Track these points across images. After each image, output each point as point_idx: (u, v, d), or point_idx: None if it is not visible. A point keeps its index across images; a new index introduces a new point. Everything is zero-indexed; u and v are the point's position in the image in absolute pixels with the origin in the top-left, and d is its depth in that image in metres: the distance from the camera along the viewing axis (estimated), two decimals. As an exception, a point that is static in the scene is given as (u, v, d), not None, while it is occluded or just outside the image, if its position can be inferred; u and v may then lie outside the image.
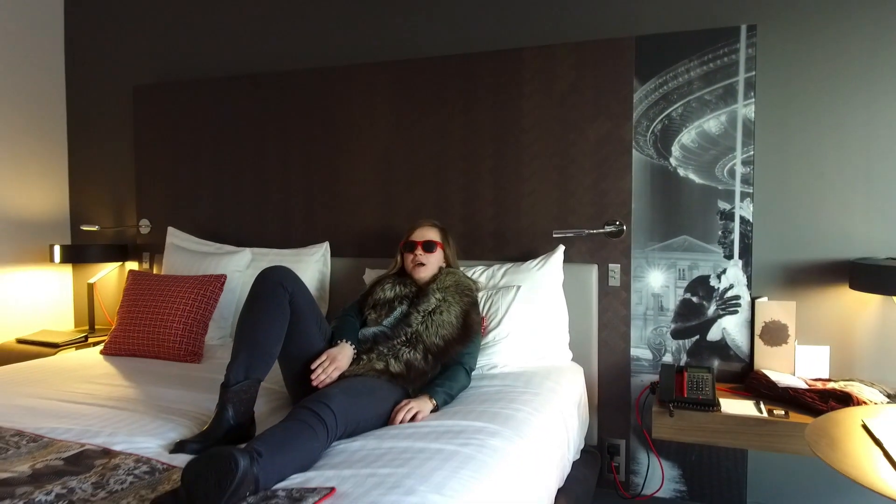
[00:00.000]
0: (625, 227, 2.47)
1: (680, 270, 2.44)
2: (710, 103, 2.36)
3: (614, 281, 2.50)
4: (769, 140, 2.35)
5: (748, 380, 2.25)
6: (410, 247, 2.23)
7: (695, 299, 2.42)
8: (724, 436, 2.01)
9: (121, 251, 3.38)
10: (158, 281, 2.70)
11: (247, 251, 2.91)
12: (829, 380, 2.20)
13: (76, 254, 3.31)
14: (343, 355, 1.90)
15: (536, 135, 2.59)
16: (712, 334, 2.40)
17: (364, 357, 1.93)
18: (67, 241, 3.63)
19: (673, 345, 2.45)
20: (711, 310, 2.40)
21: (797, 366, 2.25)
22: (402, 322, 2.04)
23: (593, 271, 2.49)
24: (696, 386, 2.12)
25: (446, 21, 2.80)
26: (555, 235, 2.51)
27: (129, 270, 2.86)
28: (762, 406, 2.06)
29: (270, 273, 1.87)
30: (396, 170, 2.82)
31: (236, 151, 3.12)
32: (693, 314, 2.42)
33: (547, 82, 2.56)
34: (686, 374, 2.19)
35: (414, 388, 1.91)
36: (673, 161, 2.42)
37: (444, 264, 2.27)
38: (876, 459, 1.42)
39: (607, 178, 2.49)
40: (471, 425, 1.68)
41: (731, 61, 2.32)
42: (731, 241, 2.36)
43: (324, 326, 2.01)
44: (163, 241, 3.13)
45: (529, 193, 2.60)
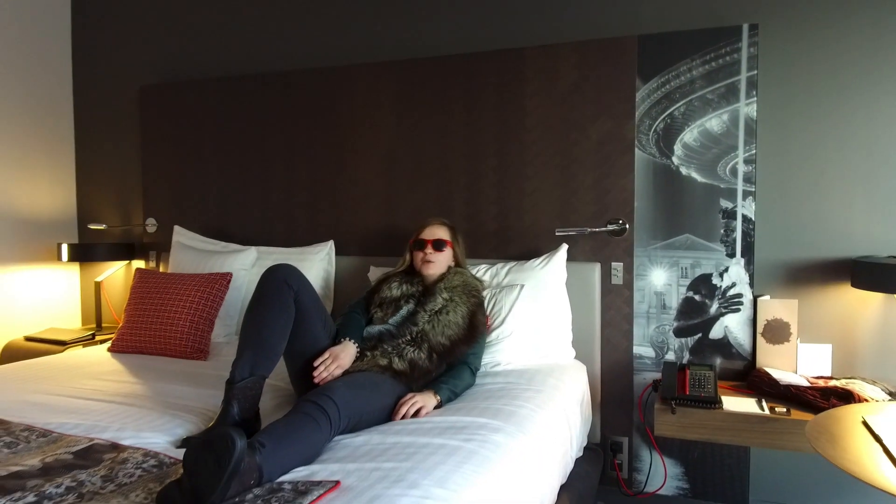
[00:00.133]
0: (627, 226, 2.48)
1: (682, 269, 2.45)
2: (712, 102, 2.37)
3: (617, 279, 2.51)
4: (771, 139, 2.36)
5: (750, 378, 2.26)
6: (420, 245, 2.24)
7: (697, 297, 2.43)
8: (726, 433, 2.02)
9: (127, 250, 3.41)
10: (165, 279, 2.73)
11: (252, 250, 2.93)
12: (830, 378, 2.21)
13: (83, 252, 3.34)
14: (346, 353, 1.92)
15: (539, 134, 2.60)
16: (714, 332, 2.41)
17: (368, 354, 1.95)
18: (75, 239, 3.66)
19: (675, 343, 2.46)
20: (714, 308, 2.41)
21: (799, 364, 2.26)
22: (408, 321, 2.05)
23: (596, 269, 2.51)
24: (698, 383, 2.13)
25: (449, 21, 2.82)
26: (557, 234, 2.52)
27: (137, 269, 2.89)
28: (764, 404, 2.07)
29: (275, 271, 1.89)
30: (400, 169, 2.84)
31: (242, 151, 3.14)
32: (695, 312, 2.43)
33: (549, 81, 2.58)
34: (688, 372, 2.20)
35: (417, 386, 1.93)
36: (675, 160, 2.43)
37: (452, 263, 2.28)
38: (876, 456, 1.43)
39: (610, 176, 2.50)
40: (474, 421, 1.70)
41: (733, 60, 2.33)
42: (734, 240, 2.37)
43: (328, 324, 2.02)
44: (169, 240, 3.16)
45: (532, 192, 2.62)
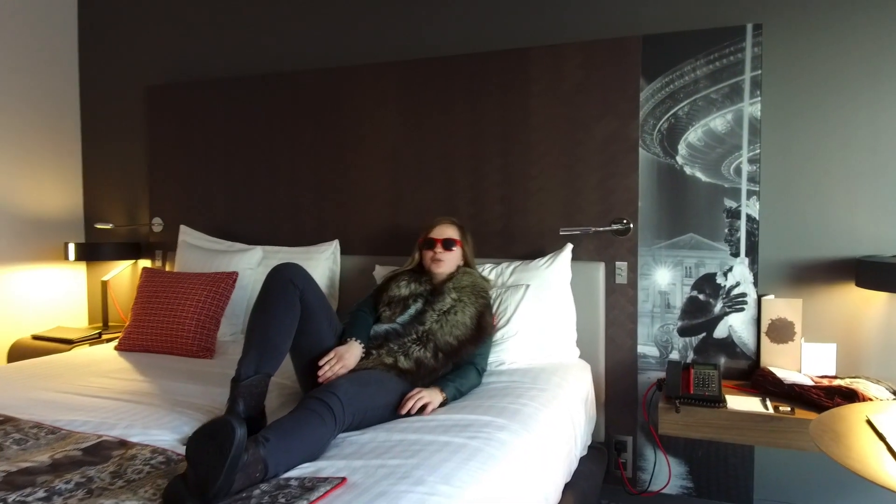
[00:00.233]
0: (631, 225, 2.49)
1: (686, 268, 2.45)
2: (716, 102, 2.38)
3: (621, 278, 2.52)
4: (775, 138, 2.36)
5: (754, 377, 2.26)
6: (430, 244, 2.25)
7: (701, 297, 2.43)
8: (731, 432, 2.02)
9: (134, 249, 3.43)
10: (171, 278, 2.75)
11: (258, 249, 2.95)
12: (835, 377, 2.22)
13: (90, 252, 3.36)
14: (350, 354, 1.93)
15: (543, 133, 2.61)
16: (719, 332, 2.42)
17: (374, 352, 1.96)
18: (82, 239, 3.69)
19: (679, 342, 2.47)
20: (718, 307, 2.41)
21: (803, 363, 2.27)
22: (415, 320, 2.06)
23: (600, 269, 2.51)
24: (702, 383, 2.14)
25: (454, 21, 2.83)
26: (562, 233, 2.53)
27: (143, 268, 2.90)
28: (768, 403, 2.07)
29: (281, 270, 1.89)
30: (405, 168, 2.85)
31: (247, 151, 3.16)
32: (700, 312, 2.44)
33: (554, 81, 2.58)
34: (692, 371, 2.20)
35: (423, 385, 1.93)
36: (679, 159, 2.44)
37: (461, 262, 2.29)
38: (880, 454, 1.43)
39: (614, 176, 2.51)
40: (478, 419, 1.71)
41: (737, 60, 2.34)
42: (738, 239, 2.38)
43: (334, 323, 2.04)
44: (175, 240, 3.18)
45: (537, 192, 2.63)
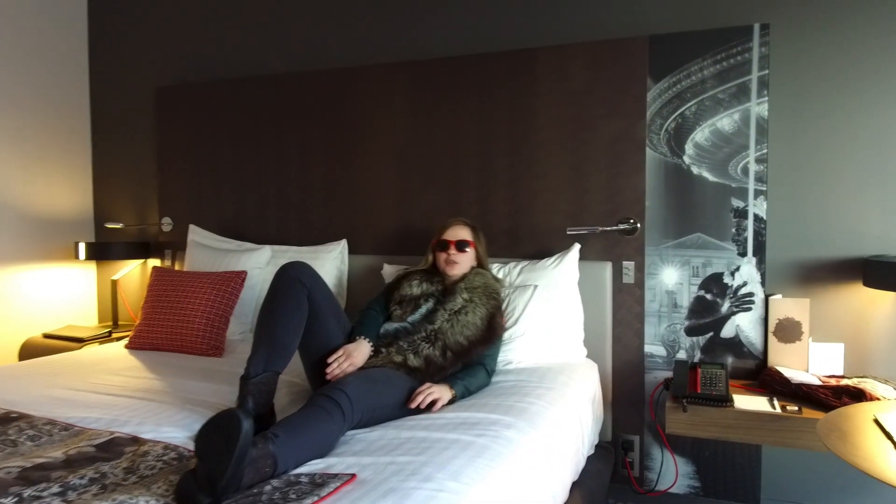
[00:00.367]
0: (639, 225, 2.49)
1: (694, 268, 2.45)
2: (723, 102, 2.38)
3: (628, 278, 2.52)
4: (783, 138, 2.36)
5: (762, 376, 2.26)
6: (443, 246, 2.25)
7: (708, 296, 2.44)
8: (738, 431, 2.03)
9: (143, 248, 3.46)
10: (181, 277, 2.77)
11: (266, 248, 2.97)
12: (842, 376, 2.21)
13: (100, 251, 3.39)
14: (359, 352, 1.94)
15: (550, 133, 2.62)
16: (726, 331, 2.42)
17: (383, 350, 1.97)
18: (92, 238, 3.72)
19: (687, 342, 2.47)
20: (725, 307, 2.42)
21: (811, 363, 2.26)
22: (426, 319, 2.07)
23: (607, 268, 2.52)
24: (709, 382, 2.14)
25: (461, 22, 2.84)
26: (569, 232, 2.54)
27: (153, 267, 2.93)
28: (775, 402, 2.07)
29: (289, 269, 1.91)
30: (413, 168, 2.87)
31: (256, 151, 3.18)
32: (707, 311, 2.44)
33: (561, 81, 2.59)
34: (700, 371, 2.21)
35: (432, 382, 1.95)
36: (686, 159, 2.44)
37: (475, 263, 2.30)
38: (887, 453, 1.44)
39: (621, 176, 2.51)
40: (486, 417, 1.72)
41: (744, 60, 2.34)
42: (745, 239, 2.38)
43: (343, 321, 2.05)
44: (184, 239, 3.20)
45: (544, 191, 2.64)
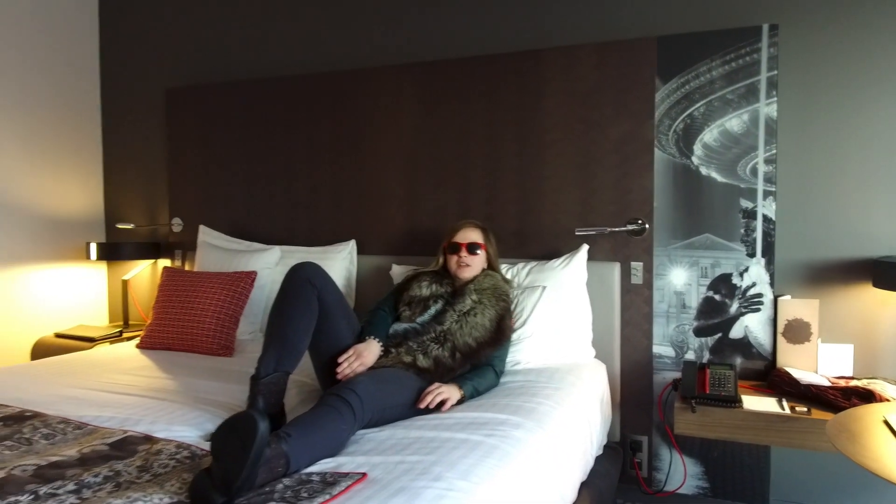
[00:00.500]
0: (647, 226, 2.50)
1: (702, 268, 2.45)
2: (732, 102, 2.38)
3: (636, 279, 2.52)
4: (791, 138, 2.36)
5: (771, 377, 2.26)
6: (455, 248, 2.26)
7: (717, 297, 2.43)
8: (746, 432, 2.03)
9: (154, 249, 3.49)
10: (192, 277, 2.79)
11: (276, 249, 2.98)
12: (852, 378, 2.21)
13: (111, 251, 3.41)
14: (369, 352, 1.95)
15: (559, 134, 2.62)
16: (735, 332, 2.42)
17: (393, 350, 1.98)
18: (103, 239, 3.75)
19: (695, 342, 2.47)
20: (734, 308, 2.41)
21: (820, 364, 2.26)
22: (435, 320, 2.08)
23: (615, 269, 2.52)
24: (718, 383, 2.14)
25: (469, 23, 2.84)
26: (577, 233, 2.54)
27: (164, 267, 2.95)
28: (784, 403, 2.07)
29: (299, 270, 1.92)
30: (421, 169, 2.88)
31: (265, 152, 3.20)
32: (715, 312, 2.44)
33: (569, 82, 2.60)
34: (708, 371, 2.21)
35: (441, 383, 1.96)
36: (695, 160, 2.44)
37: (485, 265, 2.30)
38: (896, 454, 1.44)
39: (629, 176, 2.52)
40: (495, 417, 1.73)
41: (753, 60, 2.34)
42: (754, 240, 2.38)
43: (353, 322, 2.06)
44: (194, 239, 3.22)
45: (552, 192, 2.64)
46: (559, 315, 2.38)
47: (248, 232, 3.23)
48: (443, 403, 1.82)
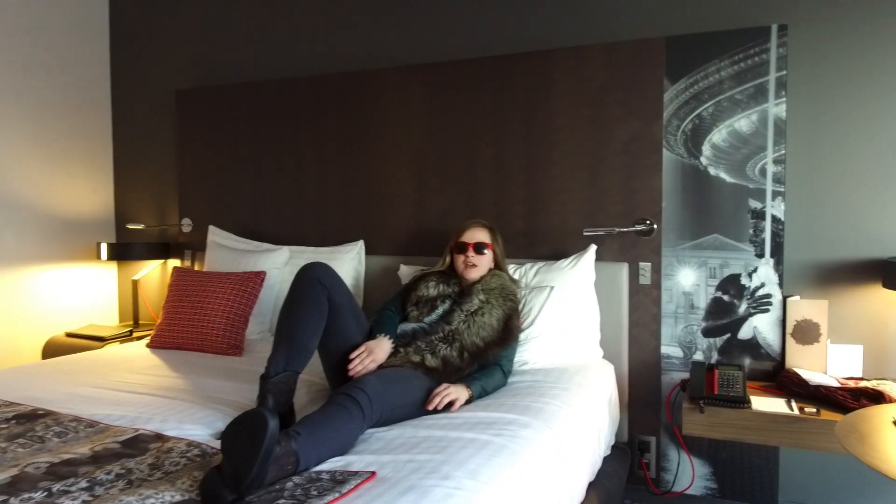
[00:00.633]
0: (655, 226, 2.49)
1: (711, 269, 2.45)
2: (740, 102, 2.37)
3: (645, 279, 2.52)
4: (801, 139, 2.35)
5: (779, 378, 2.25)
6: (461, 248, 2.26)
7: (726, 298, 2.43)
8: (755, 433, 2.02)
9: (164, 249, 3.52)
10: (201, 277, 2.81)
11: (285, 249, 3.00)
12: (861, 378, 2.20)
13: (122, 251, 3.44)
14: (380, 348, 1.96)
15: (567, 134, 2.62)
16: (743, 332, 2.41)
17: (401, 350, 1.99)
18: (113, 239, 3.78)
19: (704, 343, 2.47)
20: (742, 308, 2.41)
21: (829, 364, 2.25)
22: (443, 320, 2.09)
23: (624, 269, 2.52)
24: (726, 383, 2.14)
25: (478, 24, 2.85)
26: (585, 233, 2.54)
27: (174, 267, 2.97)
28: (793, 404, 2.06)
29: (309, 270, 1.93)
30: (429, 170, 2.89)
31: (275, 153, 3.22)
32: (724, 312, 2.44)
33: (577, 83, 2.60)
34: (717, 372, 2.20)
35: (449, 383, 1.96)
36: (703, 160, 2.44)
37: (492, 265, 2.31)
38: (906, 455, 1.43)
39: (637, 176, 2.52)
40: (503, 417, 1.74)
41: (761, 61, 2.33)
42: (763, 240, 2.37)
43: (362, 321, 2.07)
44: (204, 240, 3.25)
45: (560, 192, 2.64)
46: (567, 315, 2.38)
47: (257, 232, 3.25)
48: (451, 404, 1.82)
